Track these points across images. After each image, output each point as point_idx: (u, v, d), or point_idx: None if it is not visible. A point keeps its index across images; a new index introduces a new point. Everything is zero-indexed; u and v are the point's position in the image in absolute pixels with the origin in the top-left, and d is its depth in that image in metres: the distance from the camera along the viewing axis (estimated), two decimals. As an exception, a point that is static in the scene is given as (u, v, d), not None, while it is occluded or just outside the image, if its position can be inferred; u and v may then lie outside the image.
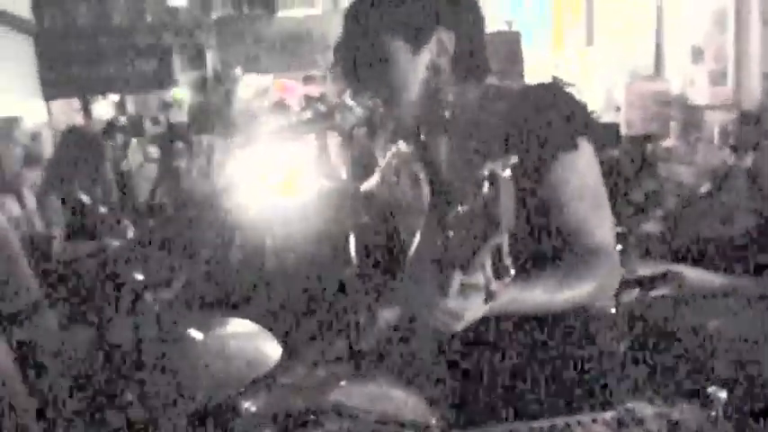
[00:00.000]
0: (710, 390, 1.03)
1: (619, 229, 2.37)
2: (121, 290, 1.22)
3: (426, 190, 1.38)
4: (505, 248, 0.84)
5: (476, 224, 0.82)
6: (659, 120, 3.98)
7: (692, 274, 2.53)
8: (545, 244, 1.17)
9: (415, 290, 1.07)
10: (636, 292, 2.21)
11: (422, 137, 1.35)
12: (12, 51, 7.81)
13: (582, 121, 1.15)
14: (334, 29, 1.26)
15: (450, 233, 0.87)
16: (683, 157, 3.59)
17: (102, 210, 3.30)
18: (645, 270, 2.26)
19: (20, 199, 3.17)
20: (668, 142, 3.90)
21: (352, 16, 1.23)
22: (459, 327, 0.96)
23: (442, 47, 1.19)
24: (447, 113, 1.23)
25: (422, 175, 1.39)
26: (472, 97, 1.23)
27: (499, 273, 0.86)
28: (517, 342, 1.25)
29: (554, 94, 1.17)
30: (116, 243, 2.96)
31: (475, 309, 0.94)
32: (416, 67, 1.19)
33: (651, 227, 3.54)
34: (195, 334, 1.58)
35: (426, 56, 1.19)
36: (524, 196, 1.14)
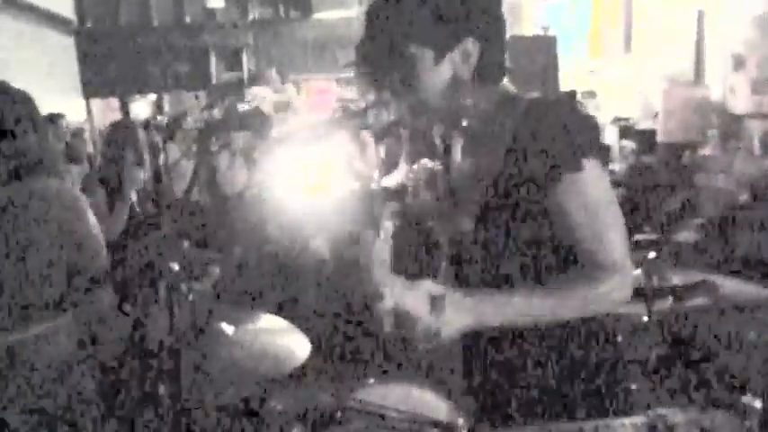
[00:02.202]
0: (745, 399, 1.01)
1: (653, 237, 2.34)
2: (158, 280, 1.25)
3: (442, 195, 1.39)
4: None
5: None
6: (697, 127, 3.90)
7: (728, 284, 2.47)
8: (552, 258, 1.16)
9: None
10: (670, 301, 2.17)
11: (438, 143, 1.35)
12: (54, 51, 8.04)
13: (588, 139, 1.13)
14: None
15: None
16: (721, 166, 3.52)
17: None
18: (679, 279, 2.21)
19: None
20: (706, 150, 3.82)
21: (375, 18, 1.21)
22: (435, 342, 0.99)
23: (467, 56, 1.17)
24: (465, 121, 1.23)
25: (440, 183, 1.39)
26: (488, 104, 1.22)
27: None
28: (546, 345, 1.24)
29: (562, 111, 1.15)
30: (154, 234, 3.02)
31: (450, 323, 0.96)
32: (439, 75, 1.18)
33: (687, 235, 3.47)
34: (226, 327, 1.60)
35: (449, 64, 1.17)
36: (531, 210, 1.14)
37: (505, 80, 1.26)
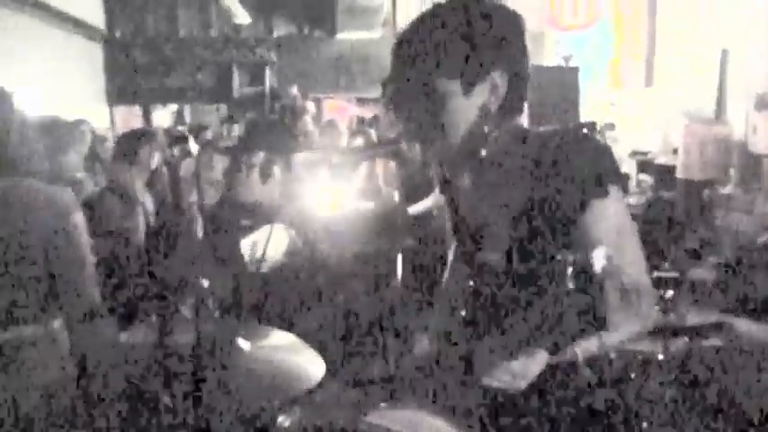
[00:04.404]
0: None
1: (672, 274, 2.32)
2: (185, 295, 1.26)
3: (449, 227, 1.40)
4: None
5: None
6: (718, 165, 3.89)
7: (744, 325, 2.46)
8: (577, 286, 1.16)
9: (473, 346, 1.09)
10: (684, 340, 2.15)
11: (447, 175, 1.36)
12: (81, 58, 8.18)
13: (610, 166, 1.14)
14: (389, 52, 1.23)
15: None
16: (741, 205, 3.50)
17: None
18: (696, 318, 2.20)
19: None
20: (726, 189, 3.80)
21: (403, 52, 1.21)
22: (524, 385, 0.98)
23: (495, 88, 1.17)
24: (483, 152, 1.23)
25: (447, 214, 1.39)
26: (508, 136, 1.22)
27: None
28: (558, 378, 1.23)
29: (583, 139, 1.17)
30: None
31: (538, 366, 0.95)
32: (468, 109, 1.18)
33: (704, 274, 3.44)
34: (243, 343, 1.60)
35: (479, 98, 1.18)
36: (555, 240, 1.15)
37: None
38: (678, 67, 5.10)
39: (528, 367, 0.95)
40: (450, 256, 1.46)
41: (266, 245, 3.81)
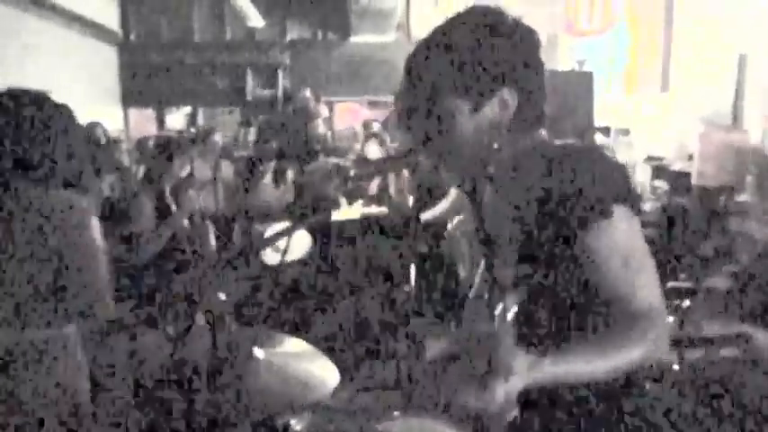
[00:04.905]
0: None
1: (688, 285, 2.30)
2: (201, 309, 1.26)
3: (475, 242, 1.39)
4: None
5: None
6: (734, 172, 3.85)
7: (762, 336, 2.43)
8: (587, 308, 1.15)
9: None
10: (701, 351, 2.13)
11: (468, 187, 1.35)
12: (96, 60, 8.26)
13: (618, 187, 1.11)
14: (404, 57, 1.22)
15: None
16: (757, 213, 3.46)
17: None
18: (713, 328, 2.18)
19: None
20: (742, 197, 3.76)
21: (413, 70, 1.22)
22: (496, 408, 0.95)
23: (504, 105, 1.17)
24: (491, 169, 1.23)
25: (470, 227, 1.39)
26: (519, 152, 1.21)
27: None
28: (570, 391, 1.22)
29: (590, 158, 1.14)
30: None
31: (510, 390, 0.93)
32: (476, 125, 1.18)
33: (720, 282, 3.41)
34: (258, 352, 1.61)
35: (487, 114, 1.17)
36: (562, 260, 1.13)
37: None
38: (694, 72, 5.06)
39: (497, 389, 0.92)
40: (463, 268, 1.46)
41: (288, 243, 3.86)
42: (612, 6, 6.13)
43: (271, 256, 4.31)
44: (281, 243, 4.32)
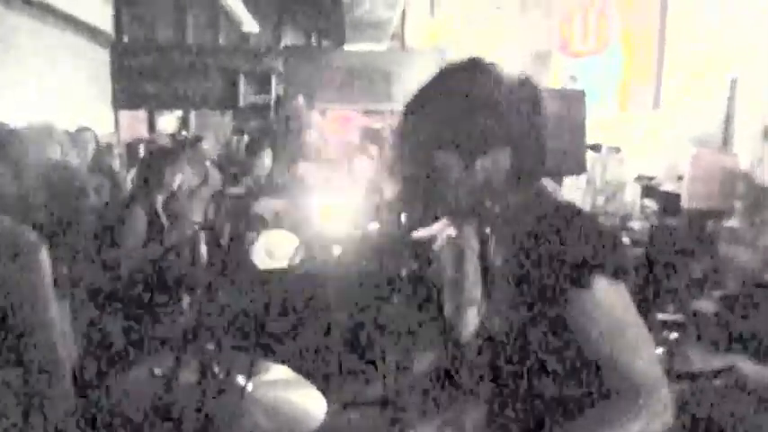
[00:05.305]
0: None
1: (676, 317, 2.31)
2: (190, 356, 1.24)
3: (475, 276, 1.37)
4: None
5: None
6: (723, 196, 3.86)
7: (750, 368, 2.43)
8: (582, 380, 1.13)
9: None
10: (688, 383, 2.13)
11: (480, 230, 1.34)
12: (88, 62, 8.21)
13: (601, 257, 1.07)
14: (398, 66, 1.20)
15: None
16: (746, 239, 3.47)
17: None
18: (701, 361, 2.18)
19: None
20: (731, 222, 3.78)
21: (407, 119, 1.20)
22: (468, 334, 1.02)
23: (497, 163, 1.15)
24: (482, 225, 1.22)
25: (472, 262, 1.37)
26: (513, 206, 1.19)
27: None
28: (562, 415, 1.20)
29: (578, 225, 1.11)
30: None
31: None
32: (468, 181, 1.16)
33: (706, 306, 3.42)
34: (243, 381, 1.59)
35: (480, 169, 1.15)
36: (555, 324, 1.11)
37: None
38: (687, 92, 5.09)
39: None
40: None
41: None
42: (607, 27, 6.16)
43: (262, 260, 4.28)
44: (271, 246, 4.31)
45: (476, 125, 1.13)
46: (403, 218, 4.20)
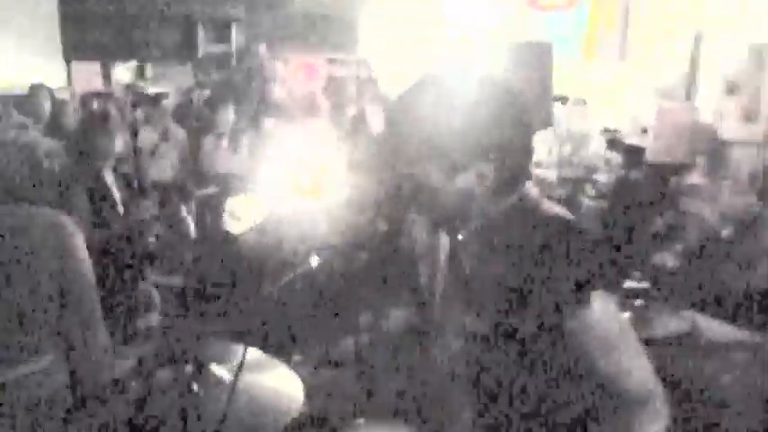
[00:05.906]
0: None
1: (643, 285, 2.37)
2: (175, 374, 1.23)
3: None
4: None
5: None
6: (687, 151, 3.93)
7: (706, 324, 2.53)
8: (580, 395, 1.15)
9: None
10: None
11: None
12: (34, 12, 7.77)
13: (596, 272, 1.09)
14: (362, 12, 1.16)
15: None
16: (707, 194, 3.56)
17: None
18: (664, 328, 2.25)
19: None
20: (693, 177, 3.86)
21: (393, 127, 1.19)
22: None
23: (481, 177, 1.14)
24: (473, 225, 1.21)
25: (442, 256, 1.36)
26: (498, 212, 1.19)
27: None
28: (536, 385, 1.23)
29: (573, 240, 1.11)
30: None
31: None
32: (451, 193, 1.15)
33: (666, 259, 3.52)
34: (219, 371, 1.58)
35: (462, 182, 1.14)
36: (547, 348, 1.12)
37: None
38: (652, 43, 5.09)
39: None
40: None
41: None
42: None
43: (233, 224, 4.22)
44: (239, 210, 4.24)
45: (457, 141, 1.11)
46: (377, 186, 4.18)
